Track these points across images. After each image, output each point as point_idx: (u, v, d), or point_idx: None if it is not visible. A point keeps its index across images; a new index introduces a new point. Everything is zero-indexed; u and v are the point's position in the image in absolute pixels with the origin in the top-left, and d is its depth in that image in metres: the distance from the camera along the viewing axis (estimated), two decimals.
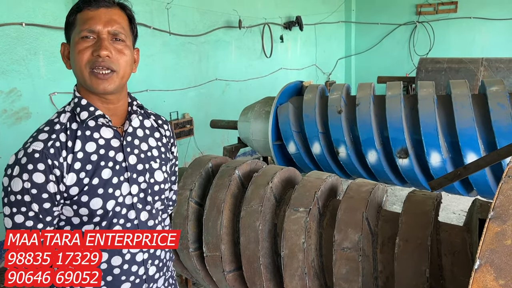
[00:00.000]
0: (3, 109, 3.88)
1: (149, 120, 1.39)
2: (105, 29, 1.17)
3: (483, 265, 1.17)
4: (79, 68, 1.17)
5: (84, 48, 1.16)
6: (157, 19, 5.32)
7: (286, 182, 2.36)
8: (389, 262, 1.81)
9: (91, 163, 1.18)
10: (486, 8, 8.33)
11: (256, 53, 7.23)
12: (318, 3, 8.79)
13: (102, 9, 1.18)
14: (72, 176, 1.16)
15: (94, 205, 1.18)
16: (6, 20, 3.81)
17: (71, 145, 1.17)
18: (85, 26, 1.16)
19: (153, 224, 1.32)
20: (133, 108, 1.31)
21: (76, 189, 1.16)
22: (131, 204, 1.25)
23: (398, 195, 5.17)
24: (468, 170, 2.01)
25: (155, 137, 1.37)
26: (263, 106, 4.40)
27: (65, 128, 1.19)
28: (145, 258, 1.30)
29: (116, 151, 1.23)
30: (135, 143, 1.29)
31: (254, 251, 2.09)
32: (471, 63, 5.86)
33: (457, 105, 3.39)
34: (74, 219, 1.20)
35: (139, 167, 1.27)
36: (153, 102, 5.31)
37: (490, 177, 3.31)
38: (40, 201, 1.13)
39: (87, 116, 1.20)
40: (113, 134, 1.24)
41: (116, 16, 1.21)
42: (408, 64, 9.16)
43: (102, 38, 1.16)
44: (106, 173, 1.20)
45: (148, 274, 1.32)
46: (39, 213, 1.14)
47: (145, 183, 1.28)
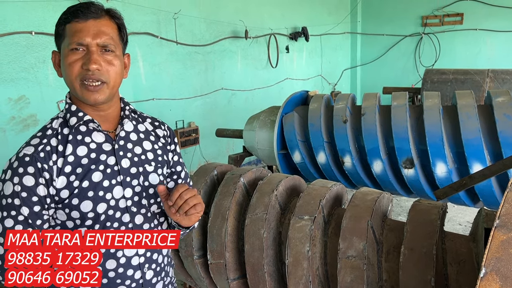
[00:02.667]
0: (11, 116, 3.93)
1: (144, 124, 1.39)
2: (94, 41, 1.17)
3: (489, 273, 1.17)
4: (70, 80, 1.19)
5: (74, 60, 1.17)
6: (165, 28, 5.38)
7: (291, 190, 2.36)
8: (394, 271, 1.80)
9: (82, 167, 1.20)
10: (491, 20, 8.34)
11: (262, 63, 7.27)
12: (324, 14, 8.85)
13: (90, 21, 1.18)
14: (62, 179, 1.18)
15: (84, 208, 1.19)
16: (17, 29, 3.88)
17: (62, 149, 1.19)
18: (74, 39, 1.17)
19: (149, 227, 1.32)
20: (125, 113, 1.33)
21: (67, 192, 1.18)
22: (125, 207, 1.26)
23: (403, 206, 5.14)
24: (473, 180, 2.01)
25: (150, 140, 1.37)
26: (268, 115, 4.42)
27: (56, 133, 1.22)
28: (141, 262, 1.30)
29: (108, 155, 1.25)
30: (128, 146, 1.30)
31: (258, 259, 2.09)
32: (477, 74, 5.86)
33: (463, 115, 3.39)
34: (68, 223, 1.22)
35: (133, 170, 1.28)
36: (160, 110, 5.35)
37: (496, 188, 3.30)
38: (29, 204, 1.15)
39: (76, 121, 1.22)
40: (105, 138, 1.26)
41: (105, 27, 1.20)
42: (414, 75, 9.16)
43: (92, 51, 1.17)
44: (97, 176, 1.21)
45: (146, 279, 1.31)
46: (28, 217, 1.15)
47: (139, 186, 1.29)
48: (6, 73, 3.86)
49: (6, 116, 3.89)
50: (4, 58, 3.83)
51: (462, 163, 3.43)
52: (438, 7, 8.81)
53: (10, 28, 3.84)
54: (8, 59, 3.85)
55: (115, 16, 1.25)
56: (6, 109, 3.89)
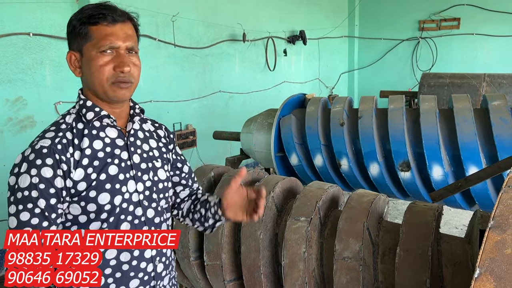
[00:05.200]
0: (8, 117, 3.92)
1: (146, 124, 1.45)
2: (124, 44, 1.23)
3: (483, 274, 1.17)
4: (99, 81, 1.22)
5: (105, 63, 1.21)
6: (162, 31, 5.38)
7: (287, 192, 2.37)
8: (389, 273, 1.81)
9: (98, 160, 1.23)
10: (488, 24, 8.39)
11: (260, 66, 7.28)
12: (321, 18, 8.88)
13: (118, 25, 1.23)
14: (80, 171, 1.19)
15: (102, 200, 1.21)
16: (14, 30, 3.88)
17: (78, 142, 1.22)
18: (106, 42, 1.20)
19: (159, 221, 1.36)
20: (135, 111, 1.37)
21: (84, 184, 1.20)
22: (138, 201, 1.29)
23: (400, 209, 5.15)
24: (469, 182, 2.02)
25: (154, 138, 1.43)
26: (265, 118, 4.43)
27: (71, 128, 1.24)
28: (153, 254, 1.32)
29: (121, 150, 1.29)
30: (137, 143, 1.34)
31: (255, 260, 2.09)
32: (474, 79, 5.89)
33: (459, 119, 3.41)
34: (81, 218, 1.22)
35: (143, 165, 1.32)
36: (157, 112, 5.35)
37: (491, 191, 3.31)
38: (46, 197, 1.15)
39: (93, 116, 1.26)
40: (118, 134, 1.30)
41: (130, 30, 1.26)
42: (411, 79, 9.20)
43: (122, 54, 1.23)
44: (113, 170, 1.24)
45: (157, 271, 1.34)
46: (45, 210, 1.15)
47: (149, 181, 1.33)
48: (3, 74, 3.85)
49: (3, 117, 3.89)
50: (2, 59, 3.83)
51: (458, 166, 3.44)
52: (435, 12, 8.86)
53: (8, 29, 3.84)
54: (5, 60, 3.85)
55: (134, 19, 1.31)
56: (3, 110, 3.89)
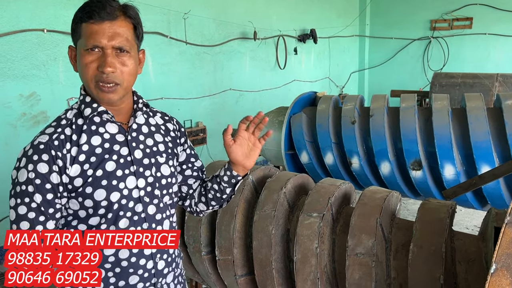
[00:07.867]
0: (22, 112, 3.96)
1: (154, 118, 1.42)
2: (109, 43, 1.17)
3: (499, 269, 1.17)
4: (85, 80, 1.22)
5: (90, 61, 1.18)
6: (174, 28, 5.40)
7: (299, 188, 2.37)
8: (402, 269, 1.80)
9: (96, 156, 1.22)
10: (501, 24, 8.30)
11: (270, 65, 7.28)
12: (332, 16, 8.85)
13: (106, 23, 1.17)
14: (76, 167, 1.20)
15: (98, 197, 1.20)
16: (29, 26, 3.92)
17: (76, 138, 1.22)
18: (90, 41, 1.17)
19: (161, 218, 1.33)
20: (138, 106, 1.35)
21: (80, 180, 1.20)
22: (138, 197, 1.27)
23: (410, 209, 5.11)
24: (483, 180, 2.00)
25: (161, 133, 1.40)
26: (276, 115, 4.43)
27: (70, 123, 1.24)
28: (153, 252, 1.31)
29: (121, 146, 1.27)
30: (140, 138, 1.32)
31: (266, 255, 2.10)
32: (486, 79, 5.83)
33: (471, 118, 3.38)
34: (81, 212, 1.23)
35: (145, 161, 1.31)
36: (168, 110, 5.26)
37: (504, 191, 3.28)
38: (42, 192, 1.17)
39: (90, 112, 1.25)
40: (118, 129, 1.29)
41: (120, 28, 1.20)
42: (422, 79, 9.13)
43: (107, 54, 1.17)
44: (110, 166, 1.23)
45: (157, 268, 1.33)
46: (41, 205, 1.17)
47: (151, 177, 1.31)
48: (18, 70, 3.89)
49: (17, 112, 3.93)
50: (16, 55, 3.87)
51: (471, 165, 3.42)
52: (447, 11, 8.78)
53: (23, 25, 3.88)
54: (20, 56, 3.89)
55: (130, 16, 1.24)
56: (17, 105, 3.93)
